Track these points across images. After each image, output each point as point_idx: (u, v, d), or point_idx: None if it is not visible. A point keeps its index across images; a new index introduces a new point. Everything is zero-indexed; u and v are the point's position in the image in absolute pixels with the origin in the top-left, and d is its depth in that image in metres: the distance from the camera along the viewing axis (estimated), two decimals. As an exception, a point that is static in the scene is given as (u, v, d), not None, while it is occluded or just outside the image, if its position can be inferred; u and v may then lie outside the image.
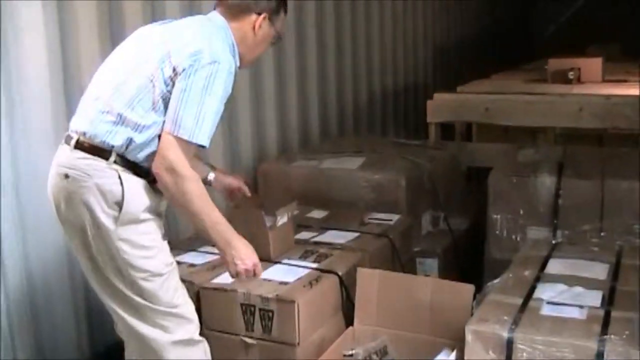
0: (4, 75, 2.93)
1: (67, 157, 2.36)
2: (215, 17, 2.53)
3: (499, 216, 3.82)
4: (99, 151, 2.33)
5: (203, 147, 2.31)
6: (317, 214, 3.74)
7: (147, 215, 2.37)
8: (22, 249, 3.03)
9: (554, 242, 3.41)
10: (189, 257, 3.14)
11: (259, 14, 2.52)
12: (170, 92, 2.31)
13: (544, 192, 3.73)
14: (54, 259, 3.16)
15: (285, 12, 2.65)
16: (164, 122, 2.31)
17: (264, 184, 4.13)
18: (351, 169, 3.99)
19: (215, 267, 3.00)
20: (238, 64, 2.52)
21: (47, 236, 3.08)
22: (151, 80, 2.32)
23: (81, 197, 2.31)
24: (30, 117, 3.06)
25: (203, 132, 2.28)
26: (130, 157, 2.34)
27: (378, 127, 6.53)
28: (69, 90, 3.17)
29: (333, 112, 5.64)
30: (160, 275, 2.38)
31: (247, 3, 2.53)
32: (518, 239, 3.76)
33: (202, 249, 3.21)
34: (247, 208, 3.06)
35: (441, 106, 5.42)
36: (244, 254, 2.41)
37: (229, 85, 2.36)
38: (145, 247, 2.36)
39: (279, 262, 3.03)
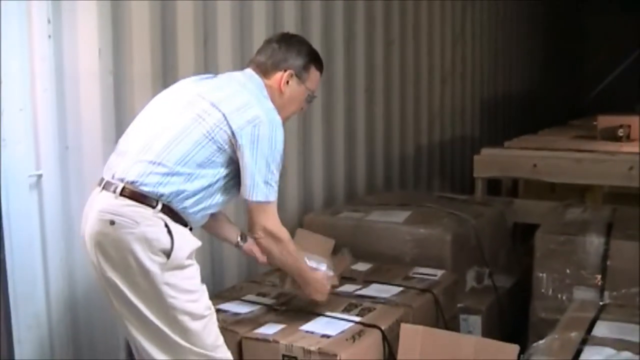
0: (59, 122, 3.03)
1: (111, 204, 2.42)
2: (252, 75, 2.65)
3: (545, 275, 3.77)
4: (146, 199, 2.40)
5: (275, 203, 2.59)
6: (361, 266, 3.73)
7: (190, 261, 2.46)
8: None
9: (601, 303, 3.34)
10: (232, 307, 3.15)
11: (285, 70, 2.63)
12: (225, 150, 2.46)
13: (592, 253, 3.68)
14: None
15: (319, 69, 2.76)
16: (213, 175, 2.46)
17: (309, 235, 4.15)
18: (397, 223, 3.99)
19: (258, 317, 3.01)
20: None
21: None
22: (208, 139, 2.45)
23: (128, 244, 2.37)
24: (82, 164, 3.14)
25: (273, 191, 2.54)
26: (175, 206, 2.43)
27: (424, 181, 6.52)
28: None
29: (380, 166, 5.66)
30: (203, 317, 2.46)
31: (273, 61, 2.65)
32: (564, 298, 3.70)
33: (245, 298, 3.24)
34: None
35: (488, 161, 5.41)
36: (320, 287, 2.93)
37: (282, 143, 2.55)
38: (189, 291, 2.44)
39: (322, 315, 3.03)
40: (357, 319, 3.00)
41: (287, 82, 2.65)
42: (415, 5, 6.23)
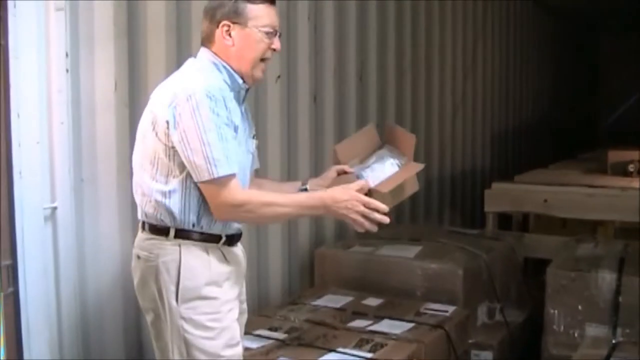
0: (75, 154, 3.06)
1: (139, 239, 2.47)
2: (199, 53, 2.50)
3: (556, 311, 3.76)
4: (159, 230, 2.40)
5: (232, 175, 2.29)
6: (373, 301, 3.73)
7: (212, 291, 2.36)
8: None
9: (614, 341, 3.33)
10: (244, 341, 3.15)
11: (218, 25, 2.43)
12: (172, 148, 2.31)
13: (604, 289, 3.67)
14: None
15: (256, 2, 2.42)
16: (181, 180, 2.33)
17: (321, 268, 4.16)
18: (408, 257, 3.99)
19: (269, 352, 3.01)
20: (240, 81, 2.45)
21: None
22: (154, 150, 2.35)
23: (150, 276, 2.39)
24: (98, 197, 3.17)
25: (219, 164, 2.26)
26: (186, 226, 2.37)
27: (435, 215, 6.52)
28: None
29: (390, 198, 5.66)
30: (219, 357, 2.36)
31: (207, 25, 2.47)
32: (576, 335, 3.68)
33: (256, 332, 3.23)
34: None
35: (499, 196, 5.42)
36: (343, 206, 2.34)
37: (220, 107, 2.30)
38: (206, 327, 2.35)
39: (334, 350, 3.03)
40: (369, 355, 2.99)
41: (229, 33, 2.41)
42: (427, 36, 6.29)
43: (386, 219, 2.40)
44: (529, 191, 5.37)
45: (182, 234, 2.37)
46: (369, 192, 2.47)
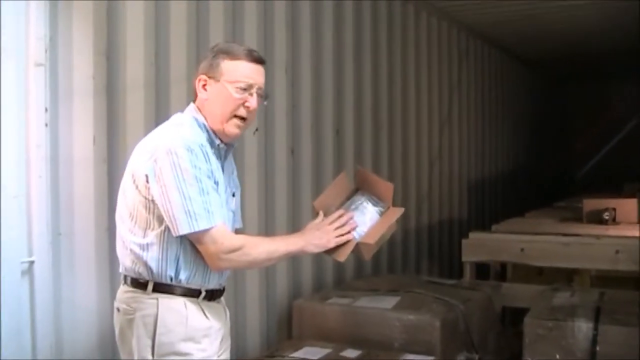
0: (53, 208, 3.06)
1: (120, 291, 2.47)
2: (187, 107, 2.52)
3: (534, 360, 3.77)
4: (137, 283, 2.40)
5: (215, 226, 2.31)
6: (351, 353, 3.72)
7: (188, 347, 2.34)
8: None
9: (592, 390, 3.35)
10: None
11: (197, 80, 2.47)
12: (152, 201, 2.32)
13: (581, 338, 3.69)
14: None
15: (232, 58, 2.43)
16: (158, 233, 2.34)
17: (298, 320, 4.15)
18: (385, 309, 3.99)
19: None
20: (217, 141, 2.45)
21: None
22: (134, 203, 2.36)
23: (128, 329, 2.39)
24: (74, 251, 3.16)
25: (200, 217, 2.27)
26: (164, 279, 2.36)
27: (412, 265, 6.54)
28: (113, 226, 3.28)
29: (368, 249, 5.68)
30: None
31: (194, 78, 2.50)
32: (555, 384, 3.70)
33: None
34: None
35: (476, 245, 5.46)
36: (319, 236, 2.52)
37: (201, 160, 2.30)
38: None
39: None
40: (348, 407, 2.98)
41: (204, 87, 2.43)
42: (403, 89, 6.39)
43: (353, 225, 2.58)
44: (505, 240, 5.42)
45: (161, 288, 2.36)
46: (357, 246, 2.56)
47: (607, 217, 5.87)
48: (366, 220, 2.64)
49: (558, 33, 8.58)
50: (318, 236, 2.52)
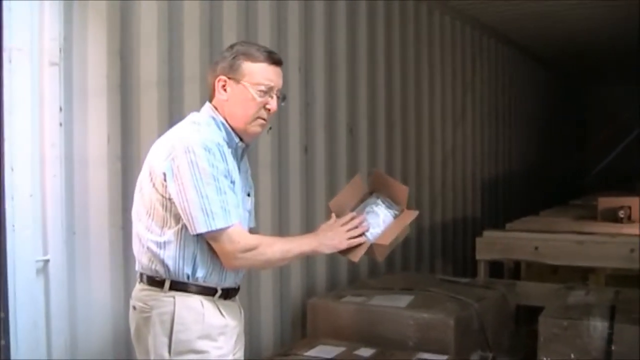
0: (67, 207, 3.08)
1: (136, 290, 2.48)
2: (203, 107, 2.53)
3: (549, 359, 3.75)
4: (154, 282, 2.40)
5: (232, 225, 2.32)
6: (365, 351, 3.72)
7: (205, 345, 2.36)
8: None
9: (607, 389, 3.33)
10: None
11: (216, 80, 2.47)
12: (169, 199, 2.33)
13: (596, 337, 3.67)
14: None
15: (254, 60, 2.44)
16: (176, 231, 2.35)
17: (312, 319, 4.14)
18: (399, 307, 3.98)
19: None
20: (237, 139, 2.47)
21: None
22: (151, 201, 2.38)
23: (145, 327, 2.39)
24: (89, 250, 3.18)
25: (217, 216, 2.29)
26: (181, 278, 2.37)
27: (426, 264, 6.53)
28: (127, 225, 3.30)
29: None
30: None
31: (209, 80, 2.51)
32: (569, 383, 3.68)
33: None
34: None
35: (490, 244, 5.43)
36: (331, 237, 2.53)
37: (218, 159, 2.32)
38: None
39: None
40: (361, 406, 2.97)
41: (224, 88, 2.45)
42: (416, 87, 6.38)
43: (365, 227, 2.59)
44: (519, 239, 5.39)
45: (177, 286, 2.37)
46: (371, 247, 2.58)
47: (622, 216, 5.81)
48: (380, 222, 2.66)
49: (573, 31, 8.52)
50: (330, 237, 2.54)
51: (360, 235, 2.57)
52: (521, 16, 7.65)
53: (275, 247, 2.44)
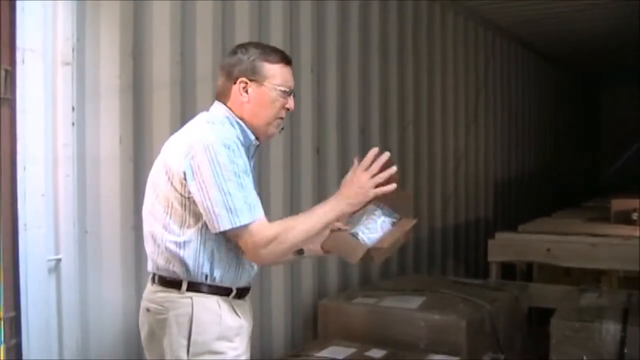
0: (79, 206, 3.09)
1: (149, 291, 2.45)
2: (213, 107, 2.52)
3: (561, 361, 3.74)
4: (171, 283, 2.38)
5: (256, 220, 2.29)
6: (376, 353, 3.71)
7: (222, 346, 2.35)
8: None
9: (619, 393, 3.31)
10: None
11: (236, 81, 2.46)
12: (188, 198, 2.31)
13: (609, 340, 3.65)
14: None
15: (274, 61, 2.46)
16: (197, 230, 2.33)
17: (324, 320, 4.15)
18: (411, 309, 3.98)
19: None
20: (252, 137, 2.47)
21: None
22: (168, 200, 2.35)
23: (160, 330, 2.37)
24: (101, 249, 3.19)
25: (241, 212, 2.26)
26: (199, 278, 2.35)
27: (438, 265, 6.51)
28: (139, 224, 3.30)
29: (393, 249, 5.66)
30: None
31: (224, 80, 2.49)
32: (581, 386, 3.66)
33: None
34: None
35: (502, 245, 5.42)
36: (355, 191, 2.39)
37: (237, 156, 2.31)
38: None
39: (337, 403, 3.01)
40: (372, 407, 2.97)
41: (245, 90, 2.45)
42: (429, 89, 6.37)
43: (393, 169, 2.42)
44: (532, 241, 5.38)
45: (194, 287, 2.35)
46: (368, 251, 2.54)
47: (635, 218, 5.78)
48: (377, 227, 2.64)
49: (586, 32, 8.48)
50: (355, 190, 2.39)
51: (388, 182, 2.41)
52: (535, 17, 7.62)
53: (296, 231, 2.35)
